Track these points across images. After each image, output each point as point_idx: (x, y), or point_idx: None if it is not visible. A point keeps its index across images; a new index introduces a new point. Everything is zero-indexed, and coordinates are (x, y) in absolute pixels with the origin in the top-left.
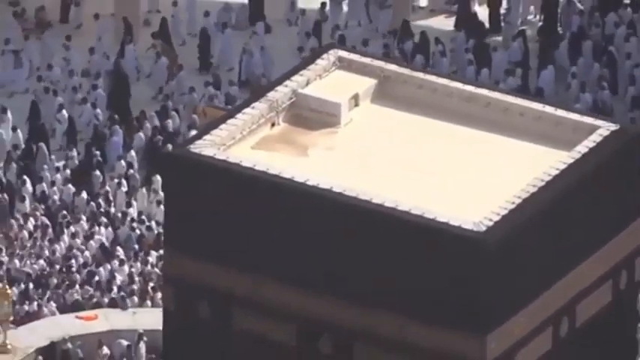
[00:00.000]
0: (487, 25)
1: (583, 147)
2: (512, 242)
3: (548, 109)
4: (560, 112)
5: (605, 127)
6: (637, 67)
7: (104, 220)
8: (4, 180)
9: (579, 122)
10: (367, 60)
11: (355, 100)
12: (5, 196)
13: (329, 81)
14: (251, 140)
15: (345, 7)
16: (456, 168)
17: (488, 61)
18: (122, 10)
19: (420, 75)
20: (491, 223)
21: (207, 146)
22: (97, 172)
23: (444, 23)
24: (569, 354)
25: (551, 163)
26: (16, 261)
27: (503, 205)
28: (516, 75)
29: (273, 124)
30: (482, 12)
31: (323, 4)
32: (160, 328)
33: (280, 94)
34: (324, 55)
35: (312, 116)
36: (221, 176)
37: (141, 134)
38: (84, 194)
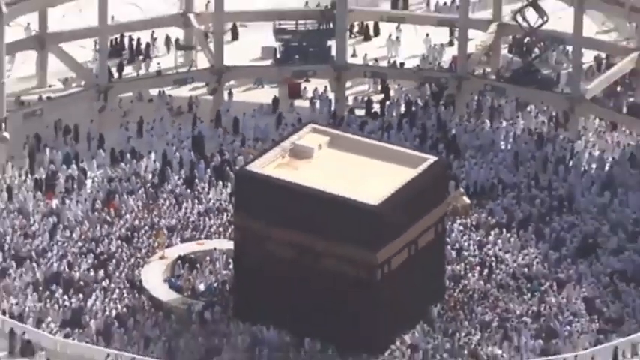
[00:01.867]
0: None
1: (422, 167)
2: (391, 210)
3: (404, 149)
4: (410, 151)
5: (431, 159)
6: (437, 132)
7: (197, 200)
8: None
9: (420, 156)
10: (325, 128)
11: (320, 147)
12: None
13: (308, 138)
14: (273, 165)
15: (317, 105)
16: (366, 177)
17: (363, 128)
18: (214, 109)
19: (347, 135)
20: (380, 201)
21: (254, 168)
22: (196, 181)
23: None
24: (414, 262)
25: (407, 174)
26: (162, 220)
27: (385, 194)
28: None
29: (283, 157)
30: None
31: (312, 102)
32: (232, 249)
33: (287, 143)
34: (305, 128)
35: (300, 154)
36: (260, 181)
37: (213, 163)
38: (188, 190)
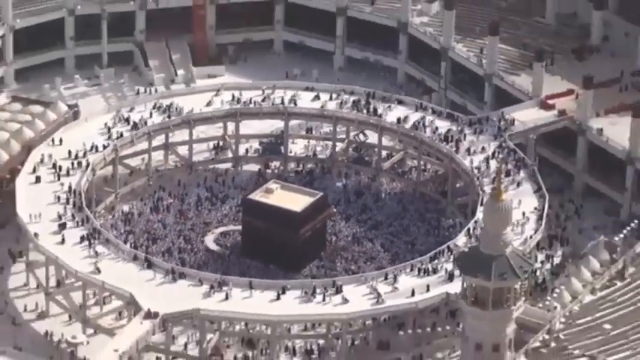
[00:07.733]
0: None
1: (316, 197)
2: (305, 213)
3: (309, 190)
4: (312, 190)
5: (320, 194)
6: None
7: (217, 211)
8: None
9: (316, 192)
10: (280, 181)
11: (277, 188)
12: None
13: (273, 185)
14: (258, 195)
15: (276, 172)
16: (295, 200)
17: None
18: (234, 173)
19: (289, 184)
20: (301, 209)
21: (250, 196)
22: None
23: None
24: (313, 234)
25: (311, 199)
26: (206, 219)
27: (303, 206)
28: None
29: (263, 192)
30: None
31: (273, 171)
32: (241, 228)
33: (264, 187)
34: (271, 181)
35: (269, 191)
36: (253, 201)
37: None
38: (213, 206)
